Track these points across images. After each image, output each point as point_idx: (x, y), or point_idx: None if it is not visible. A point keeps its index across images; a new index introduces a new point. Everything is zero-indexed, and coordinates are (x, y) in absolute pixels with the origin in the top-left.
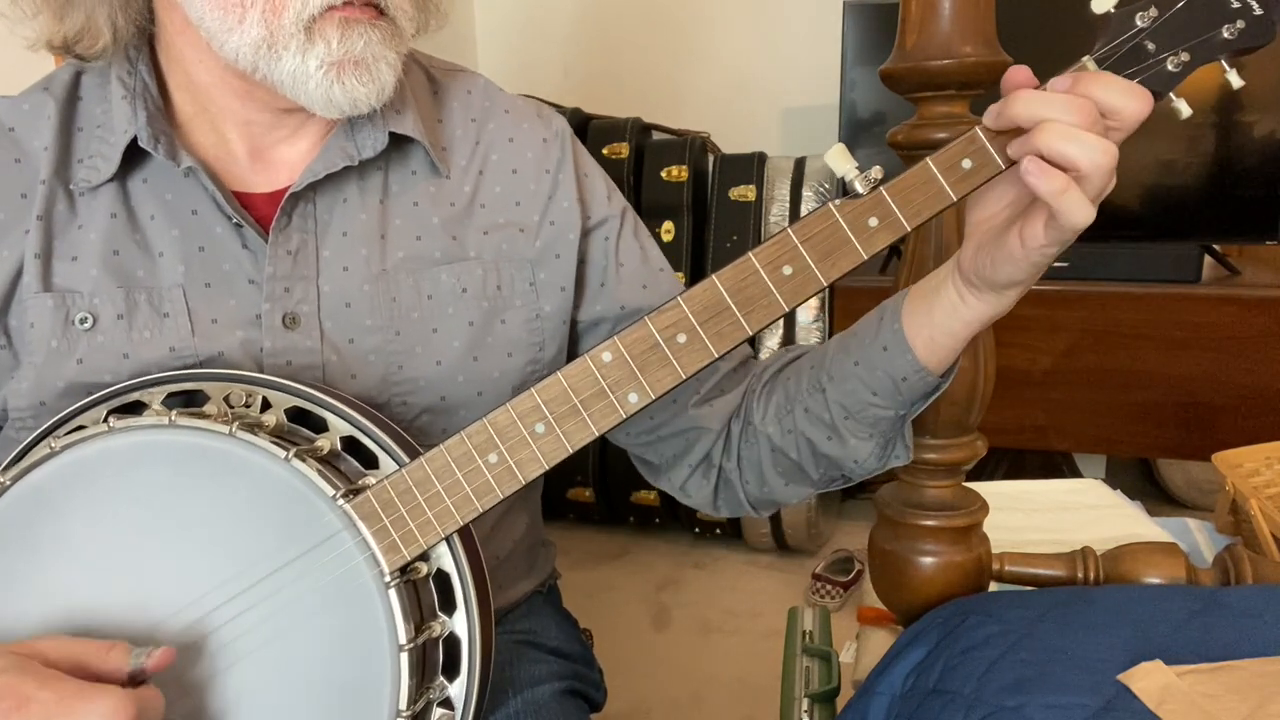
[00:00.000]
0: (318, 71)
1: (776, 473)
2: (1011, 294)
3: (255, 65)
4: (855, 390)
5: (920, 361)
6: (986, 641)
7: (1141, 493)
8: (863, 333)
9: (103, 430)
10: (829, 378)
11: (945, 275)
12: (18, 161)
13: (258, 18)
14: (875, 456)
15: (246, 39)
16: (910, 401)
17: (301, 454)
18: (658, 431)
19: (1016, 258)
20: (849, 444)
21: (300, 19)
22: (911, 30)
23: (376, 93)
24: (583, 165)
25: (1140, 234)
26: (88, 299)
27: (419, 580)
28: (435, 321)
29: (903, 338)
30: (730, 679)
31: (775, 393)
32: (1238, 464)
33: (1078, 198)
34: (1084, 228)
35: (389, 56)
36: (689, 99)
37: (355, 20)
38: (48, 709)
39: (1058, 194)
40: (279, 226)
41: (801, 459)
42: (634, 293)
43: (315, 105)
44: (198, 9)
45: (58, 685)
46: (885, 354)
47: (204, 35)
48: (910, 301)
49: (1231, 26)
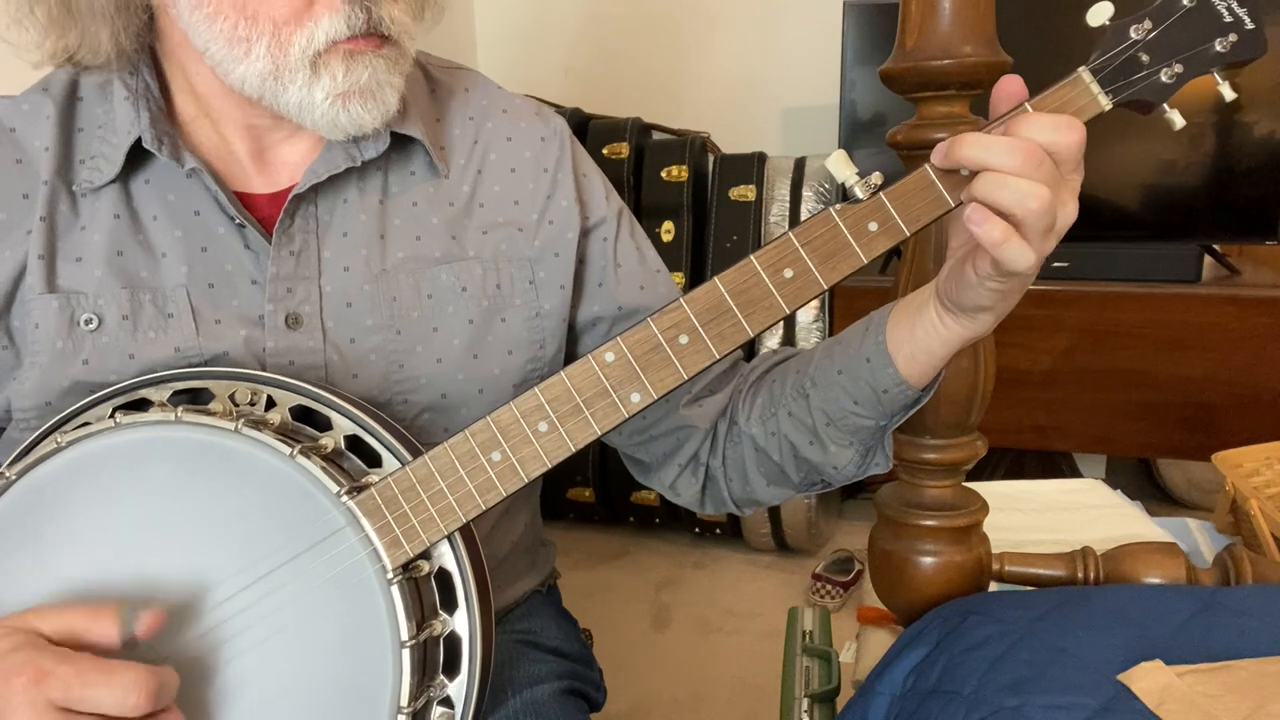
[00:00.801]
0: (324, 102)
1: (759, 473)
2: (983, 318)
3: (261, 94)
4: (837, 398)
5: (901, 375)
6: (986, 641)
7: (1141, 493)
8: (848, 342)
9: (109, 426)
10: (813, 384)
11: (927, 297)
12: (19, 162)
13: (264, 51)
14: (855, 464)
15: (253, 70)
16: (891, 413)
17: (306, 451)
18: (650, 431)
19: (972, 284)
20: (829, 450)
21: (306, 54)
22: (911, 30)
23: (381, 116)
24: (581, 165)
25: (1140, 234)
26: (92, 300)
27: (421, 578)
28: (435, 320)
29: (885, 351)
30: (730, 679)
31: (760, 394)
32: (1238, 464)
33: (1017, 247)
34: (1028, 272)
35: (395, 81)
36: (689, 99)
37: (360, 52)
38: (67, 682)
39: (997, 244)
40: (282, 227)
41: (783, 461)
42: (631, 293)
43: (320, 129)
44: (204, 38)
45: (77, 660)
46: (868, 365)
47: (209, 63)
48: (895, 315)
49: (1224, 40)
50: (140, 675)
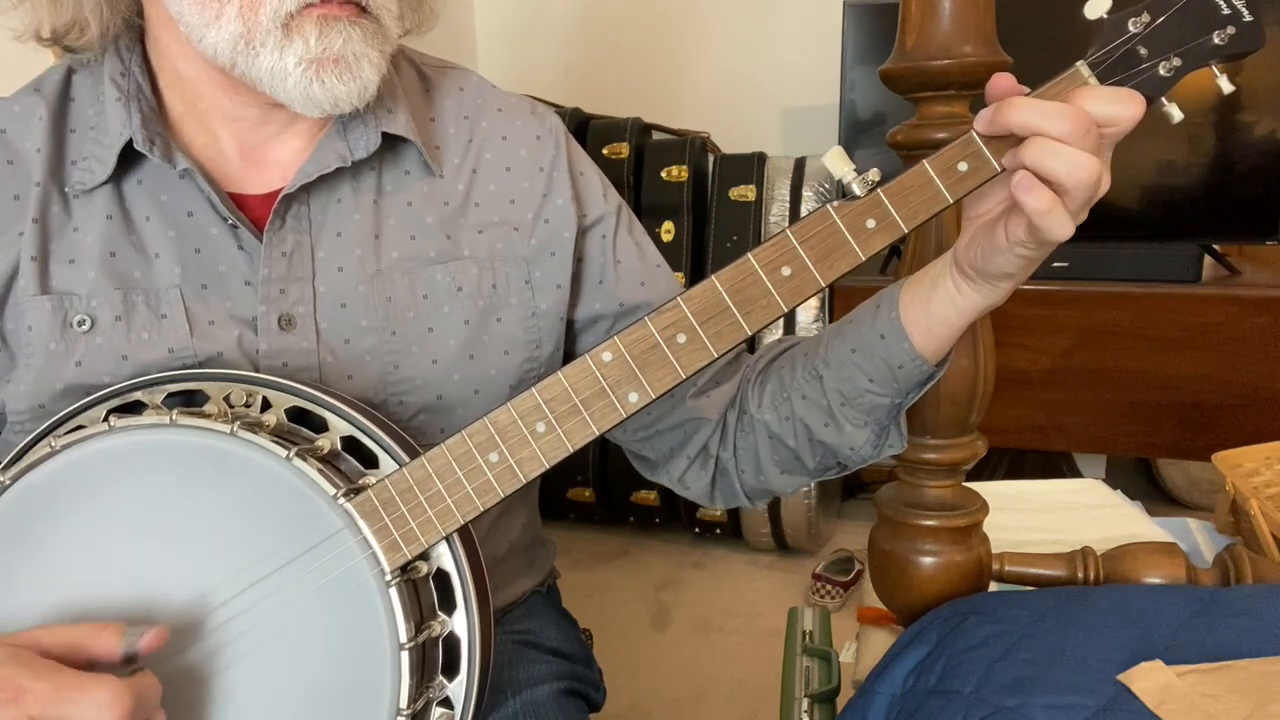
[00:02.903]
0: (296, 69)
1: (773, 461)
2: (1004, 285)
3: (234, 61)
4: (852, 377)
5: (916, 350)
6: (986, 641)
7: (1141, 493)
8: (859, 321)
9: (103, 430)
10: (825, 364)
11: (943, 267)
12: (10, 163)
13: (235, 14)
14: (871, 444)
15: (224, 35)
16: (906, 390)
17: (302, 453)
18: (655, 426)
19: (1002, 250)
20: (845, 431)
21: (277, 16)
22: (911, 30)
23: (358, 91)
24: (577, 163)
25: (1140, 234)
26: (85, 301)
27: (419, 579)
28: (431, 321)
29: (899, 326)
30: (730, 679)
31: (770, 381)
32: (1238, 464)
33: (1060, 217)
34: (1063, 240)
35: (371, 55)
36: (689, 99)
37: (334, 18)
38: (43, 700)
39: (1043, 214)
40: (273, 228)
41: (798, 446)
42: (632, 289)
43: (295, 103)
44: (176, 3)
45: (53, 676)
46: (882, 341)
47: (183, 30)
48: (907, 291)
49: (1222, 32)
50: (117, 690)
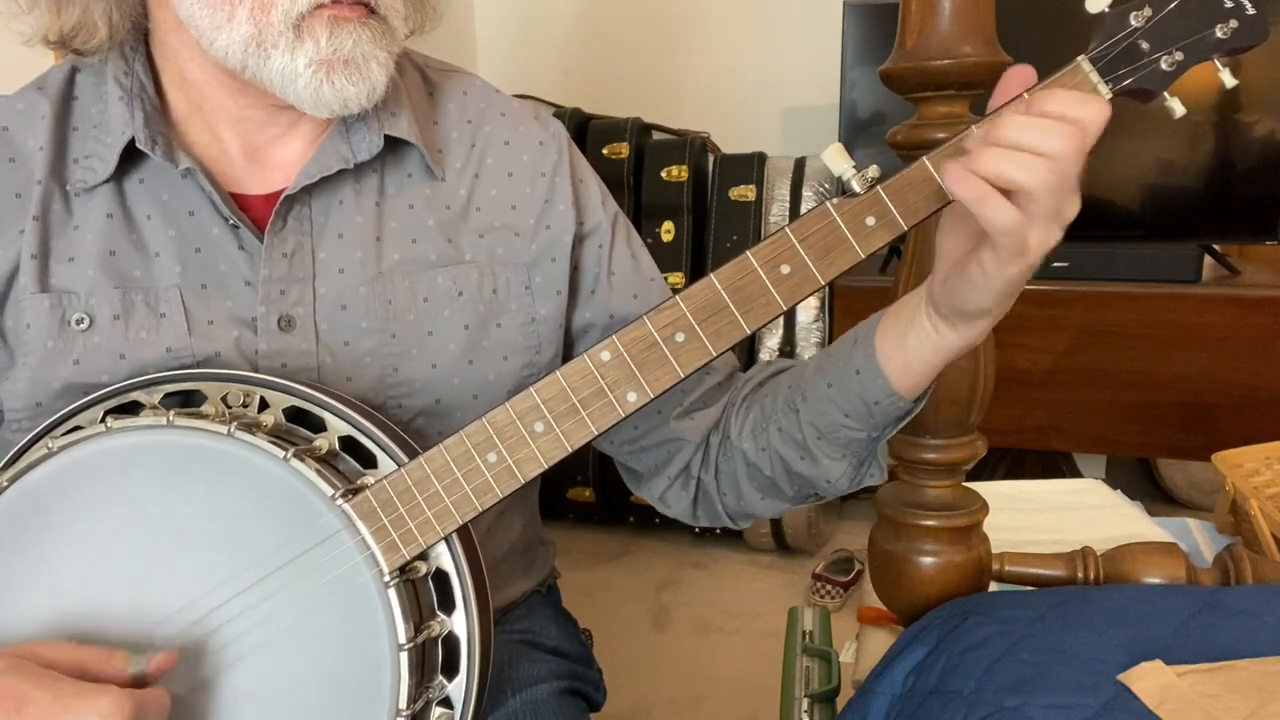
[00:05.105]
0: (306, 70)
1: (753, 487)
2: (981, 323)
3: (244, 64)
4: (828, 412)
5: (892, 386)
6: (986, 641)
7: (1141, 493)
8: (837, 355)
9: (100, 431)
10: (803, 398)
11: (918, 304)
12: (12, 161)
13: (246, 15)
14: (848, 477)
15: (235, 37)
16: (883, 425)
17: (300, 454)
18: (640, 441)
19: (979, 284)
20: (821, 464)
21: (289, 17)
22: (911, 30)
23: (367, 92)
24: (579, 170)
25: (1140, 234)
26: (84, 300)
27: (418, 580)
28: (431, 324)
29: (875, 363)
30: (730, 679)
31: (753, 409)
32: (1238, 464)
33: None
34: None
35: (380, 56)
36: (689, 99)
37: (344, 19)
38: (44, 709)
39: (977, 201)
40: (274, 229)
41: (775, 476)
42: (624, 301)
43: (304, 104)
44: (187, 7)
45: (55, 685)
46: (858, 378)
47: (193, 33)
48: (884, 326)
49: (1225, 26)
50: (118, 699)
